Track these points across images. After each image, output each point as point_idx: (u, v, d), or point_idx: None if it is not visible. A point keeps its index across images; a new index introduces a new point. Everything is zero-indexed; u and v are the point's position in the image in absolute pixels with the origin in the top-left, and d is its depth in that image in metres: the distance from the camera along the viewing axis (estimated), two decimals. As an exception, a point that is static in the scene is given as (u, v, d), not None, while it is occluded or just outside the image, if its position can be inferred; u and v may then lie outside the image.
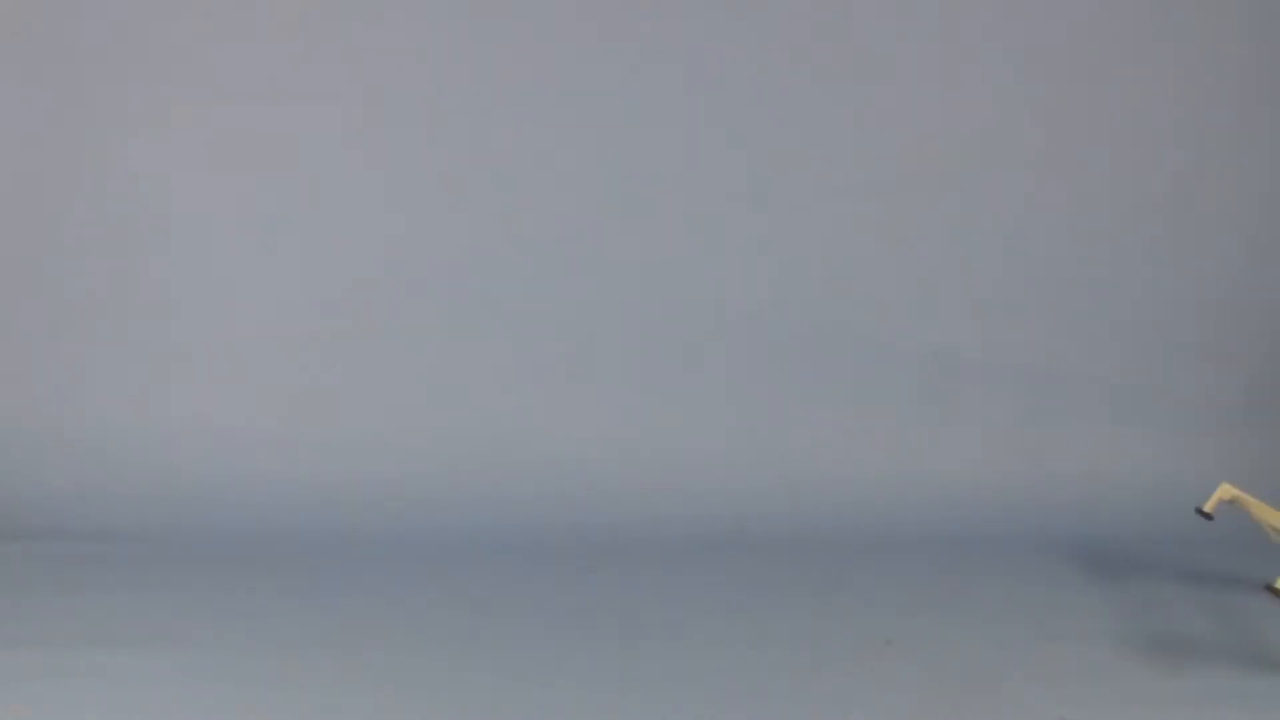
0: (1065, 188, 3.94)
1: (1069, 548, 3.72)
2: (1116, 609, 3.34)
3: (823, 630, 3.23)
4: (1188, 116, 3.92)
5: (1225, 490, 3.22)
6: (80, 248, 3.87)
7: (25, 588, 3.41)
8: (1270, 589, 2.87)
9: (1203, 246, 3.97)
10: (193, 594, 3.39)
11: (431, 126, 3.87)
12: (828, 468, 3.88)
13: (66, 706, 2.90)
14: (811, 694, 2.94)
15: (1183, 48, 3.88)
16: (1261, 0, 3.87)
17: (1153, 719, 2.85)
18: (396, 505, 3.79)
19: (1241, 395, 3.98)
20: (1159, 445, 3.94)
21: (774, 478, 3.90)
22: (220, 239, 3.89)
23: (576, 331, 3.95)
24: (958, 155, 3.90)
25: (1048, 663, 3.06)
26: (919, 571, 3.58)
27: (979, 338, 3.97)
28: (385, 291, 3.92)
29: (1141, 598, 3.40)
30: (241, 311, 3.90)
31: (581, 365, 3.95)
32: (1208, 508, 3.21)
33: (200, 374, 3.91)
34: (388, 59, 3.85)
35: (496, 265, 3.93)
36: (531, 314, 3.94)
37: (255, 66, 3.83)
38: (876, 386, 3.96)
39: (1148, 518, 3.82)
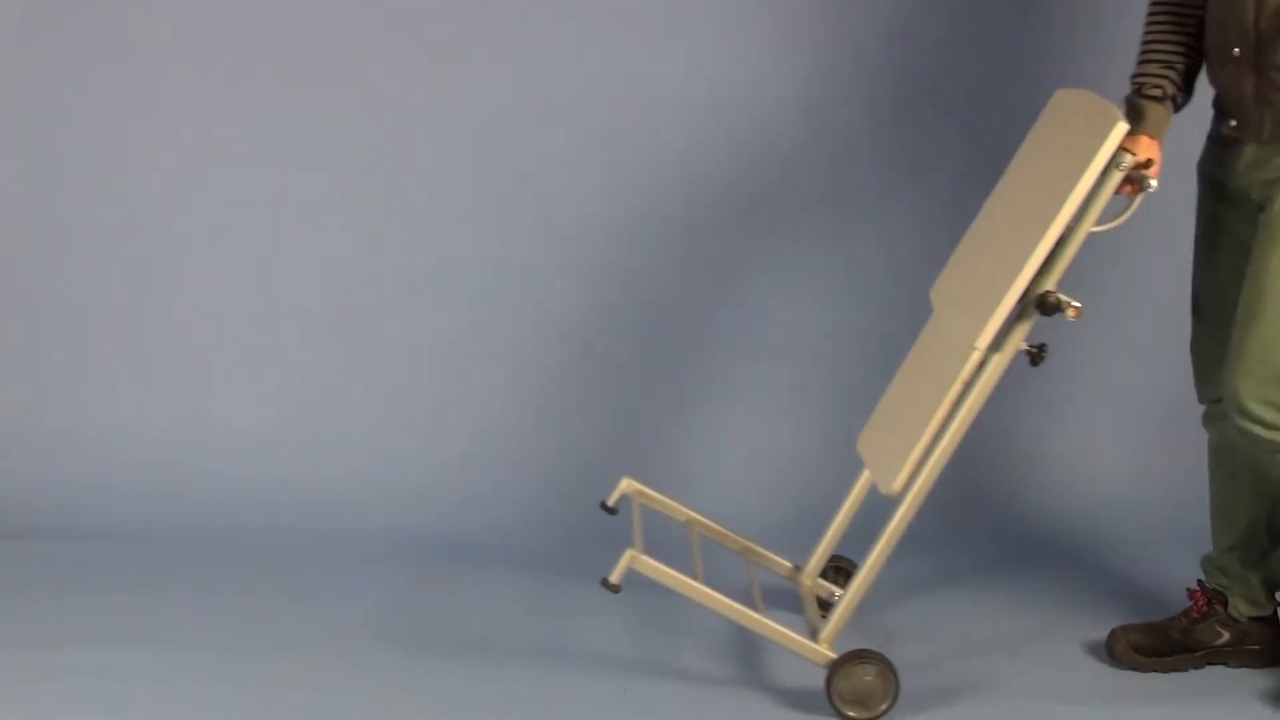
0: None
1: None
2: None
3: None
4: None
5: (627, 485, 3.29)
6: (80, 248, 3.87)
7: (25, 588, 3.41)
8: (604, 582, 2.91)
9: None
10: (193, 594, 3.39)
11: (431, 128, 3.87)
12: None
13: (66, 706, 2.90)
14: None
15: None
16: None
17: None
18: (397, 505, 3.79)
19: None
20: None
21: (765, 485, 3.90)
22: (221, 238, 3.89)
23: (578, 331, 3.95)
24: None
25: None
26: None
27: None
28: (386, 291, 3.92)
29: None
30: (242, 311, 3.90)
31: (582, 365, 3.95)
32: (610, 502, 3.28)
33: (200, 374, 3.91)
34: (389, 58, 3.86)
35: (498, 265, 3.93)
36: (532, 314, 3.94)
37: (256, 67, 3.83)
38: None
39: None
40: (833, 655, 2.92)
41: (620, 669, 3.09)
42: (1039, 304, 2.85)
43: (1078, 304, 2.84)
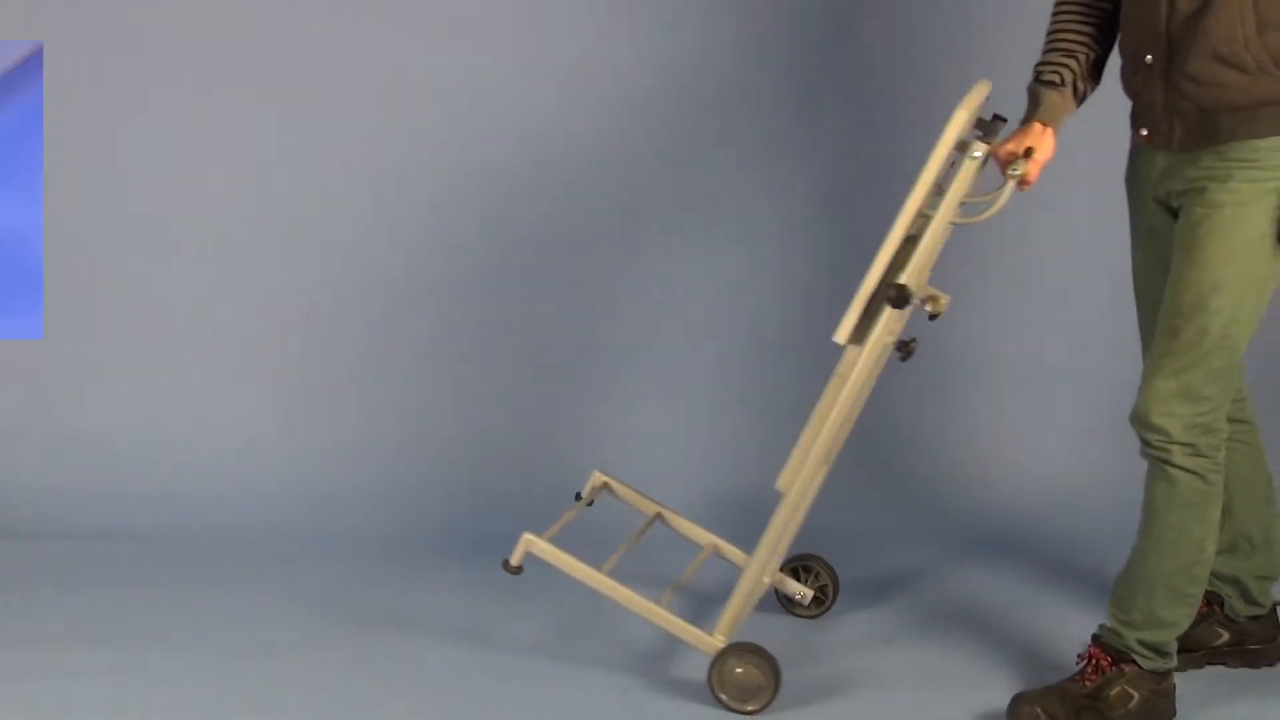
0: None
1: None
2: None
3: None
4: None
5: (597, 477, 3.33)
6: (80, 247, 3.87)
7: (25, 588, 3.41)
8: (505, 565, 3.04)
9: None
10: (193, 594, 3.40)
11: (427, 126, 3.88)
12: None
13: (66, 706, 2.91)
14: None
15: None
16: None
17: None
18: (397, 505, 3.79)
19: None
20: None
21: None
22: (220, 239, 3.89)
23: (577, 331, 3.95)
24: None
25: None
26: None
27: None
28: (385, 291, 3.93)
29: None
30: (241, 311, 3.90)
31: (584, 364, 3.96)
32: (584, 494, 3.31)
33: (200, 374, 3.91)
34: (385, 59, 3.86)
35: (497, 264, 3.93)
36: (532, 314, 3.95)
37: (253, 65, 3.84)
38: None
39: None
40: (720, 645, 2.95)
41: (621, 668, 3.09)
42: (887, 296, 2.82)
43: (944, 297, 2.80)
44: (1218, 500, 2.82)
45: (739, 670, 2.92)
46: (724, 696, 2.92)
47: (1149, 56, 2.76)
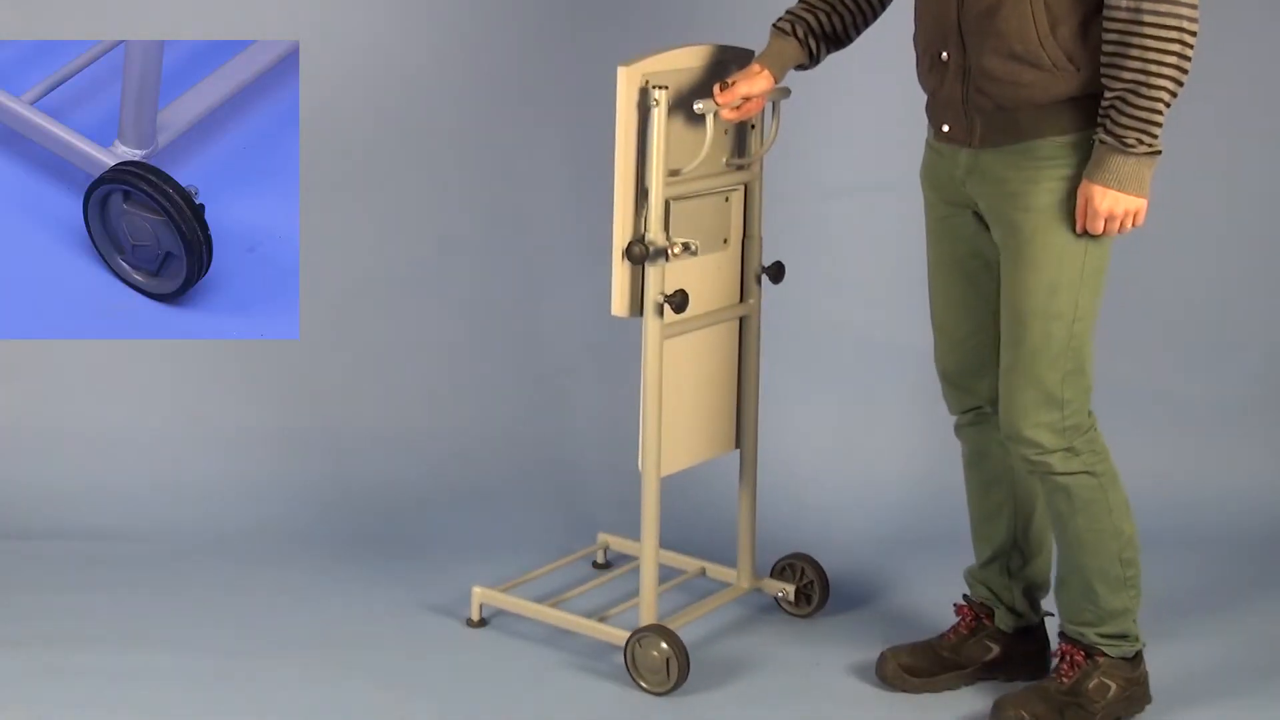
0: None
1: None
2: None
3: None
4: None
5: (601, 539, 3.51)
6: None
7: (25, 588, 3.42)
8: (468, 621, 3.26)
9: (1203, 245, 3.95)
10: (193, 594, 3.40)
11: (427, 122, 3.88)
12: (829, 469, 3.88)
13: (66, 706, 2.91)
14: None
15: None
16: None
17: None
18: (396, 505, 3.79)
19: (1241, 395, 3.96)
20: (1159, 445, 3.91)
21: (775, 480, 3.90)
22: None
23: (579, 328, 3.95)
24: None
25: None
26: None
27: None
28: (384, 290, 3.93)
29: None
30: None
31: (585, 361, 3.96)
32: (597, 559, 3.53)
33: (199, 373, 3.90)
34: (386, 57, 3.87)
35: (498, 262, 3.93)
36: (533, 311, 3.95)
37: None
38: (877, 386, 3.96)
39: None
40: (625, 632, 3.04)
41: (618, 668, 3.10)
42: (626, 254, 2.91)
43: (682, 244, 2.89)
44: (1116, 480, 2.84)
45: (652, 653, 2.99)
46: (637, 678, 3.02)
47: (945, 53, 2.77)
